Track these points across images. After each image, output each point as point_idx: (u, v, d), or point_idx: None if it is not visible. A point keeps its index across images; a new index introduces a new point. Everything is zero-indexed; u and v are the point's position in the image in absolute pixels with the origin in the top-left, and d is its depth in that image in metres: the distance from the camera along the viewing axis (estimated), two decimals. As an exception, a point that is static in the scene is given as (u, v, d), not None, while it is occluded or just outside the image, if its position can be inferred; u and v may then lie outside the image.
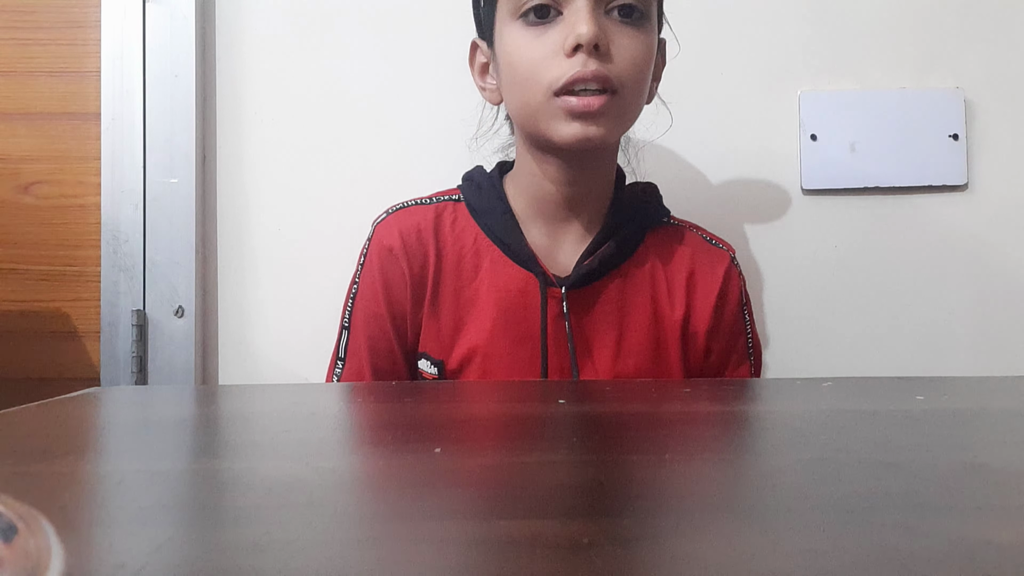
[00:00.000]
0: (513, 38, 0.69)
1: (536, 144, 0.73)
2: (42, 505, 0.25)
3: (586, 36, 0.64)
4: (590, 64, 0.65)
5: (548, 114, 0.68)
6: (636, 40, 0.68)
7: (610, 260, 0.75)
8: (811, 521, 0.24)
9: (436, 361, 0.75)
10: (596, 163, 0.74)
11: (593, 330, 0.75)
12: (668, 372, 0.77)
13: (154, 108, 1.01)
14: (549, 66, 0.66)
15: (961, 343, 1.01)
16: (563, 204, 0.75)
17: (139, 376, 1.00)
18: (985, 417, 0.45)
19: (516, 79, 0.70)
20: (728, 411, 0.49)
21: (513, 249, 0.74)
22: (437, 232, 0.76)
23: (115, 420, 0.49)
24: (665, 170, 1.01)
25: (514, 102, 0.72)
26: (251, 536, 0.24)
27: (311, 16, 1.03)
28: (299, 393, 0.58)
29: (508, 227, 0.75)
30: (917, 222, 1.01)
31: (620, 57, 0.67)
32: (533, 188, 0.76)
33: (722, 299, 0.78)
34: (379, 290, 0.76)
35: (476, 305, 0.75)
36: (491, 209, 0.76)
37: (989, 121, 1.01)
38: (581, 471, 0.32)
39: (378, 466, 0.34)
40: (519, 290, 0.74)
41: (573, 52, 0.65)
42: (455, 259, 0.76)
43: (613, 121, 0.68)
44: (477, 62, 0.77)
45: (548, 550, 0.22)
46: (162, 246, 1.01)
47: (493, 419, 0.46)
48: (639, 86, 0.70)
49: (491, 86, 0.76)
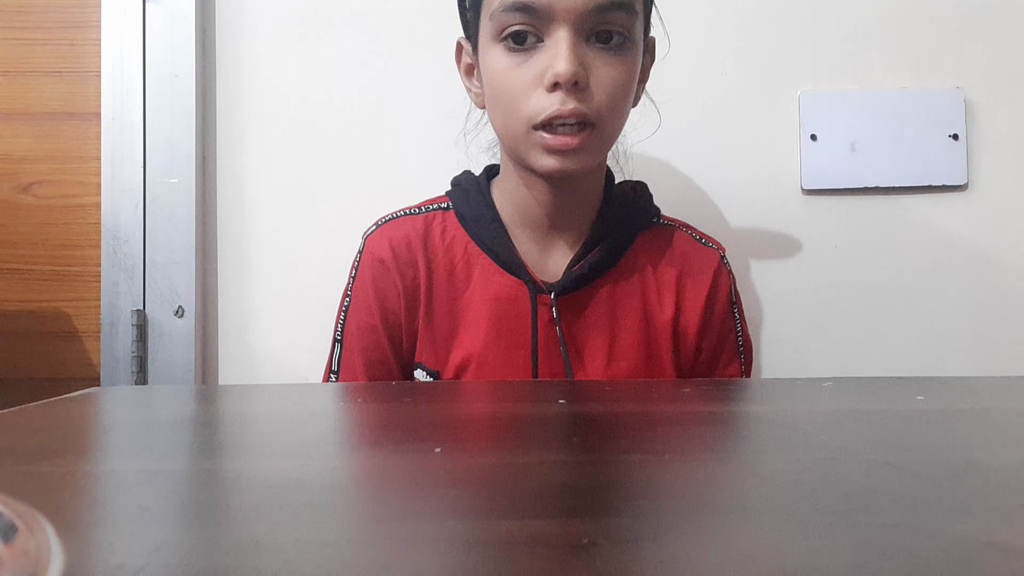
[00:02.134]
0: (495, 61, 0.69)
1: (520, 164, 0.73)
2: (42, 505, 0.25)
3: (564, 75, 0.64)
4: (568, 103, 0.65)
5: (528, 145, 0.68)
6: (616, 69, 0.67)
7: (599, 265, 0.75)
8: (811, 521, 0.24)
9: (431, 371, 0.76)
10: (580, 182, 0.75)
11: (584, 335, 0.75)
12: (660, 373, 0.77)
13: (154, 108, 1.01)
14: (528, 98, 0.67)
15: (961, 343, 1.01)
16: (549, 216, 0.76)
17: (139, 376, 1.00)
18: (985, 417, 0.45)
19: (498, 104, 0.70)
20: (728, 411, 0.49)
21: (502, 258, 0.75)
22: (427, 242, 0.77)
23: (115, 420, 0.49)
24: (665, 170, 1.01)
25: (497, 123, 0.72)
26: (251, 536, 0.24)
27: (311, 17, 1.03)
28: (299, 393, 0.58)
29: (496, 236, 0.75)
30: (917, 222, 1.01)
31: (599, 90, 0.67)
32: (519, 197, 0.76)
33: (711, 298, 0.78)
34: (372, 302, 0.76)
35: (469, 314, 0.75)
36: (479, 217, 0.77)
37: (989, 121, 1.01)
38: (581, 471, 0.32)
39: (378, 466, 0.34)
40: (510, 298, 0.74)
41: (553, 88, 0.65)
42: (447, 269, 0.76)
43: (590, 154, 0.69)
44: (463, 62, 0.77)
45: (548, 550, 0.22)
46: (162, 246, 1.01)
47: (493, 419, 0.46)
48: (617, 116, 0.70)
49: (477, 89, 0.76)
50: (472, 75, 0.76)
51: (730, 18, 1.02)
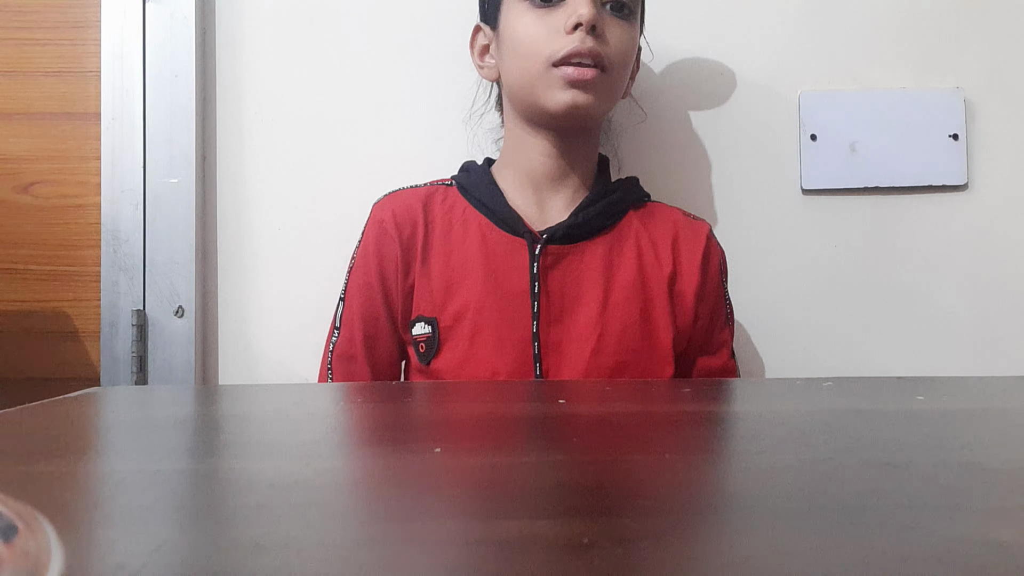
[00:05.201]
0: (520, 16, 0.78)
1: (528, 116, 0.81)
2: (42, 505, 0.25)
3: (586, 16, 0.73)
4: (587, 41, 0.74)
5: (545, 83, 0.76)
6: (625, 31, 0.78)
7: (596, 220, 0.80)
8: (811, 521, 0.24)
9: (429, 319, 0.79)
10: (581, 137, 0.82)
11: (580, 284, 0.79)
12: (655, 330, 0.80)
13: (154, 108, 1.01)
14: (551, 41, 0.75)
15: (961, 343, 1.00)
16: (550, 175, 0.82)
17: (139, 376, 1.00)
18: (985, 417, 0.45)
19: (519, 52, 0.78)
20: (728, 411, 0.49)
21: (499, 215, 0.80)
22: (427, 206, 0.83)
23: (115, 420, 0.49)
24: (665, 170, 1.01)
25: (514, 73, 0.80)
26: (251, 536, 0.24)
27: (311, 16, 1.03)
28: (299, 393, 0.59)
29: (494, 195, 0.82)
30: (917, 222, 1.01)
31: (612, 41, 0.77)
32: (521, 161, 0.83)
33: (706, 260, 0.83)
34: (372, 262, 0.82)
35: (466, 267, 0.80)
36: (478, 183, 0.83)
37: (989, 121, 1.01)
38: (581, 471, 0.32)
39: (378, 466, 0.34)
40: (507, 252, 0.79)
41: (573, 30, 0.74)
42: (445, 227, 0.82)
43: (601, 95, 0.77)
44: (478, 44, 0.86)
45: (548, 550, 0.22)
46: (162, 246, 1.01)
47: (493, 419, 0.46)
48: (624, 70, 0.80)
49: (489, 64, 0.85)
50: (486, 54, 0.85)
51: (730, 18, 1.02)
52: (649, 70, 1.00)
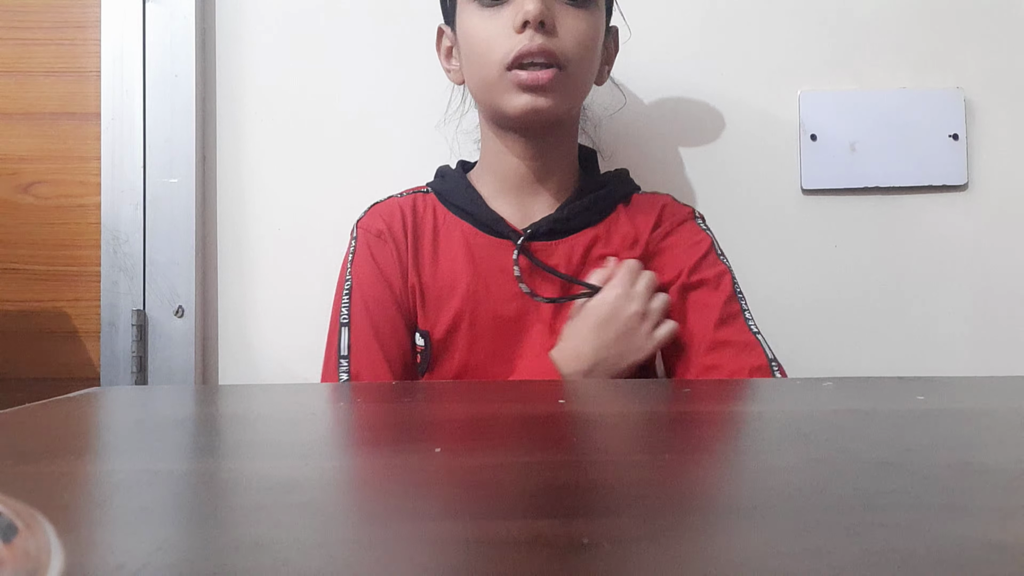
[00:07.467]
0: (470, 18, 0.75)
1: (495, 120, 0.79)
2: (42, 505, 0.25)
3: (533, 13, 0.69)
4: (536, 39, 0.70)
5: (501, 88, 0.73)
6: (581, 20, 0.73)
7: (582, 216, 0.78)
8: (811, 521, 0.24)
9: (423, 332, 0.78)
10: (555, 137, 0.79)
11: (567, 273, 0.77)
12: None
13: (154, 108, 1.01)
14: (501, 43, 0.72)
15: (961, 343, 1.01)
16: (529, 178, 0.80)
17: (139, 376, 1.00)
18: (985, 417, 0.45)
19: (473, 56, 0.75)
20: (728, 411, 0.49)
21: (480, 218, 0.79)
22: (412, 216, 0.80)
23: (115, 420, 0.49)
24: (664, 169, 1.01)
25: (473, 78, 0.77)
26: (251, 536, 0.24)
27: (311, 16, 1.03)
28: (299, 393, 0.58)
29: (472, 199, 0.80)
30: (917, 222, 1.01)
31: (566, 35, 0.72)
32: (499, 165, 0.81)
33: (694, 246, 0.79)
34: (376, 275, 0.78)
35: (454, 276, 0.77)
36: (455, 188, 0.81)
37: (989, 121, 1.01)
38: (581, 471, 0.32)
39: (378, 466, 0.34)
40: (492, 256, 0.77)
41: (522, 28, 0.71)
42: (431, 236, 0.80)
43: (560, 95, 0.73)
44: (443, 46, 0.83)
45: (548, 550, 0.22)
46: (162, 246, 1.01)
47: (493, 419, 0.46)
48: (585, 63, 0.75)
49: (455, 67, 0.82)
50: (451, 56, 0.82)
51: (730, 18, 1.02)
52: (649, 70, 1.00)
